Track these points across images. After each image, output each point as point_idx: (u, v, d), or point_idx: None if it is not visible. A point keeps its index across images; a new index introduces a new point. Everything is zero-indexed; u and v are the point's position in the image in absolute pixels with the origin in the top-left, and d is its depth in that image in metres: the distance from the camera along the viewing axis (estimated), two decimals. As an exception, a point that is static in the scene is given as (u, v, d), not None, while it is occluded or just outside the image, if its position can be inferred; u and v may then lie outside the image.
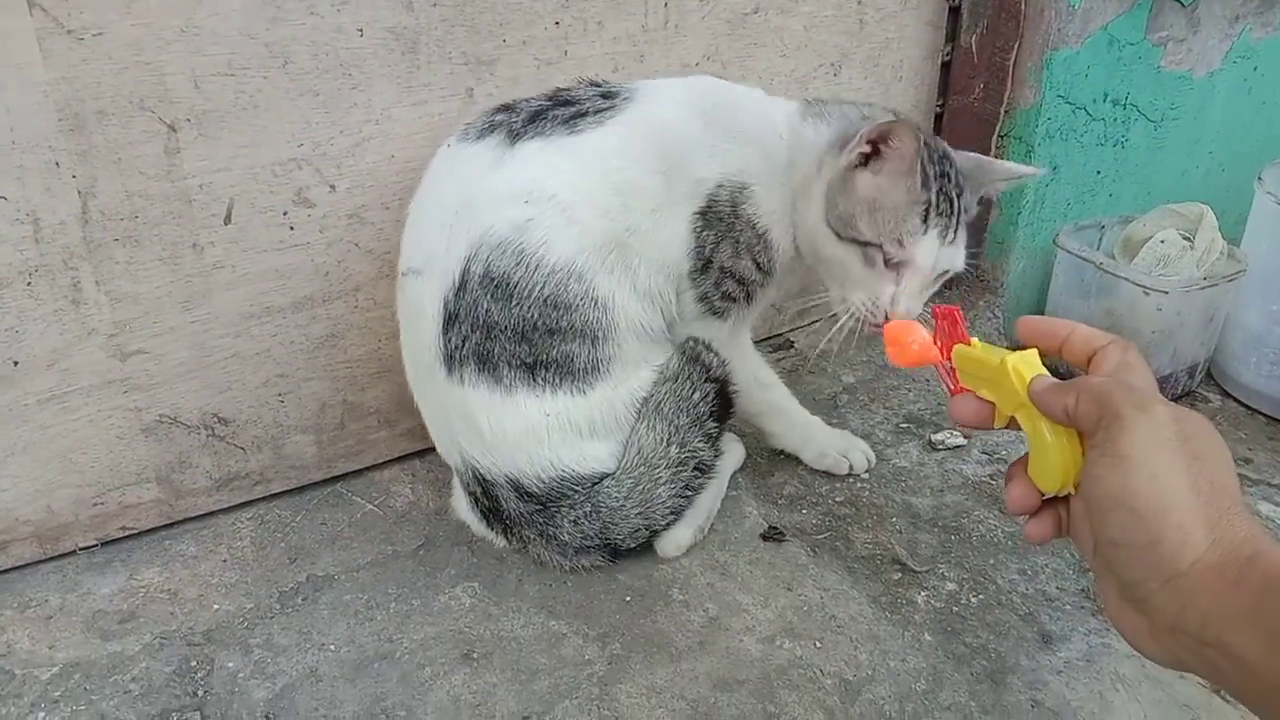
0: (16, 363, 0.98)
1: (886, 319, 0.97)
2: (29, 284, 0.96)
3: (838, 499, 1.18)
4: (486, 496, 1.03)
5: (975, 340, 0.67)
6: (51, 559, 1.08)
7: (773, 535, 1.11)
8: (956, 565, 1.07)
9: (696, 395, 1.04)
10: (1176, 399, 1.48)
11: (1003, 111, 1.50)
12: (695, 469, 1.05)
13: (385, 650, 0.96)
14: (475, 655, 0.95)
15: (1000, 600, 1.02)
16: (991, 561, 1.08)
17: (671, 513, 1.04)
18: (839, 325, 1.01)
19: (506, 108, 1.02)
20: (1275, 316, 1.41)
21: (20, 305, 0.97)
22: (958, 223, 0.99)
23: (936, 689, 0.91)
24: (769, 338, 1.57)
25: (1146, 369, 0.59)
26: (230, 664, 0.95)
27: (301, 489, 1.20)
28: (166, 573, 1.07)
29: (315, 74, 1.02)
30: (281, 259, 1.08)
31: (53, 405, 1.02)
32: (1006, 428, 0.63)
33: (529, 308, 0.96)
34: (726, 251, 1.04)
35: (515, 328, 0.96)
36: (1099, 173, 1.57)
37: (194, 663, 0.95)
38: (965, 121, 1.56)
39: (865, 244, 0.97)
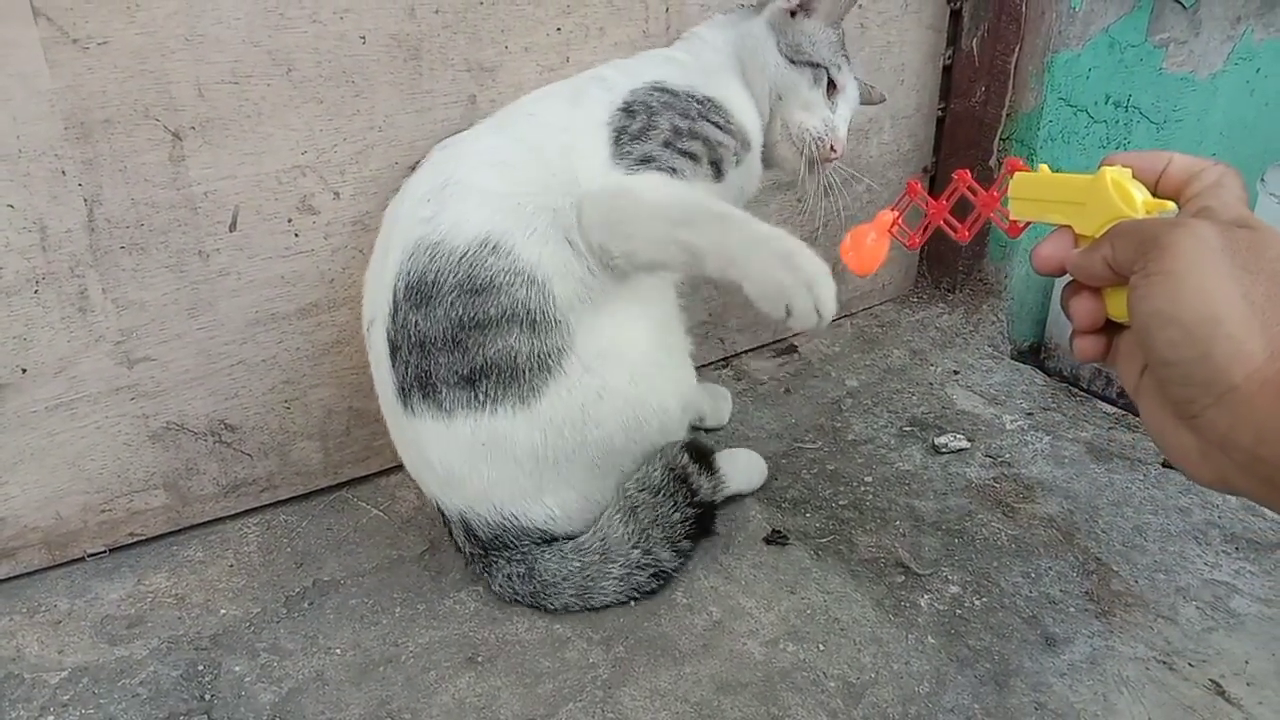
0: (25, 370, 0.99)
1: (833, 149, 1.11)
2: (36, 291, 0.97)
3: (841, 502, 1.18)
4: (446, 527, 1.04)
5: (1044, 166, 0.66)
6: (60, 565, 1.09)
7: (776, 539, 1.11)
8: (960, 568, 1.07)
9: (677, 515, 1.01)
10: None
11: (1004, 115, 1.51)
12: (653, 576, 1.01)
13: (390, 654, 0.96)
14: (480, 659, 0.96)
15: (1003, 603, 1.02)
16: (995, 564, 1.08)
17: (611, 603, 1.00)
18: (800, 155, 1.12)
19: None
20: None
21: (28, 312, 0.98)
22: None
23: (940, 692, 0.91)
24: (772, 343, 1.57)
25: (1239, 189, 0.55)
26: (237, 668, 0.95)
27: (308, 495, 1.21)
28: (174, 578, 1.08)
29: (318, 81, 1.03)
30: (286, 266, 1.09)
31: (61, 412, 1.03)
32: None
33: (451, 303, 0.91)
34: (667, 116, 1.01)
35: (444, 335, 0.91)
36: (1101, 175, 1.57)
37: (201, 667, 0.95)
38: (967, 125, 1.56)
39: (815, 65, 1.10)
